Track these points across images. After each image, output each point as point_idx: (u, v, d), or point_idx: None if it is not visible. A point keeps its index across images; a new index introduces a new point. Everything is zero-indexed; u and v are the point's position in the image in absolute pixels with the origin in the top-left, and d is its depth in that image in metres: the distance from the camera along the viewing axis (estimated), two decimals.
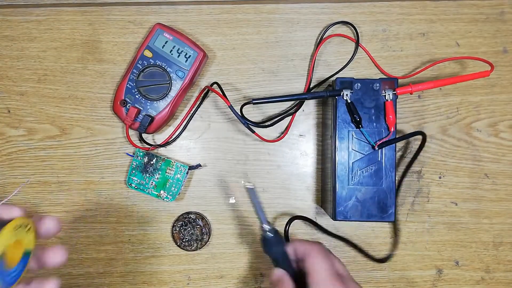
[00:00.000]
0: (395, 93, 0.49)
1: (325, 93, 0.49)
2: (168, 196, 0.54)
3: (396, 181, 0.49)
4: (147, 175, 0.54)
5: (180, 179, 0.54)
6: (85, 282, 0.56)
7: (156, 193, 0.54)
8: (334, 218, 0.49)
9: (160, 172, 0.54)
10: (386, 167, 0.48)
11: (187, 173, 0.54)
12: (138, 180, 0.55)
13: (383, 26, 0.56)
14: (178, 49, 0.52)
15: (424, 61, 0.56)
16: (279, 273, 0.42)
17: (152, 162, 0.54)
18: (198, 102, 0.56)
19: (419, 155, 0.55)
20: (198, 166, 0.55)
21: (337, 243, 0.56)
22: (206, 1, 0.55)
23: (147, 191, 0.55)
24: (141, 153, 0.55)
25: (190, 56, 0.52)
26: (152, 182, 0.55)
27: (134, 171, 0.55)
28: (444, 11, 0.56)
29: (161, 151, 0.56)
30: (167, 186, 0.54)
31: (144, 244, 0.56)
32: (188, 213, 0.56)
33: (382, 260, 0.54)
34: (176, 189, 0.54)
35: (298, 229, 0.56)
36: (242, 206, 0.56)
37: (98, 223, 0.56)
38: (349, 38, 0.56)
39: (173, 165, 0.54)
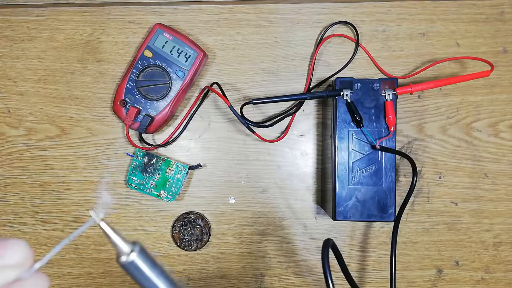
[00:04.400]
0: (395, 93, 0.49)
1: (325, 93, 0.49)
2: (168, 196, 0.54)
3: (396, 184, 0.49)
4: (147, 175, 0.54)
5: (180, 179, 0.54)
6: (85, 282, 0.56)
7: (156, 193, 0.54)
8: (334, 218, 0.49)
9: (160, 172, 0.54)
10: (386, 167, 0.48)
11: (187, 173, 0.54)
12: (138, 180, 0.55)
13: (383, 26, 0.56)
14: (178, 49, 0.52)
15: (424, 61, 0.56)
16: None
17: (152, 162, 0.54)
18: (198, 102, 0.56)
19: (419, 155, 0.55)
20: (198, 166, 0.55)
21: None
22: (206, 1, 0.55)
23: (147, 191, 0.55)
24: (141, 153, 0.55)
25: (190, 56, 0.52)
26: (152, 182, 0.55)
27: (134, 171, 0.55)
28: (444, 11, 0.56)
29: (161, 151, 0.56)
30: (167, 186, 0.54)
31: (144, 244, 0.56)
32: (188, 213, 0.56)
33: None
34: (176, 189, 0.54)
35: (297, 229, 0.56)
36: (242, 206, 0.56)
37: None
38: (349, 38, 0.56)
39: (173, 165, 0.54)
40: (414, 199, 0.56)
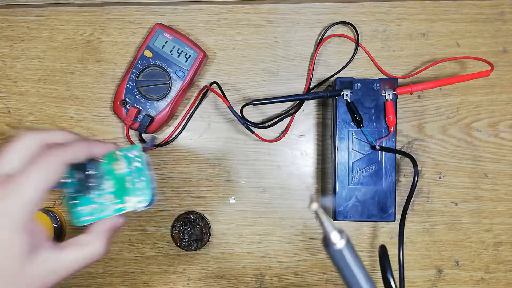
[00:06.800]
0: (395, 93, 0.49)
1: (325, 93, 0.49)
2: (140, 199, 0.35)
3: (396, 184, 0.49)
4: (95, 191, 0.34)
5: (140, 166, 0.35)
6: (85, 282, 0.56)
7: (121, 205, 0.34)
8: (334, 218, 0.49)
9: (108, 176, 0.35)
10: (386, 167, 0.48)
11: (143, 151, 0.36)
12: (90, 207, 0.34)
13: (383, 26, 0.56)
14: (178, 49, 0.52)
15: (424, 61, 0.56)
16: None
17: (89, 173, 0.34)
18: (197, 102, 0.56)
19: (419, 155, 0.55)
20: (154, 138, 0.47)
21: None
22: (206, 1, 0.55)
23: (107, 212, 0.34)
24: (70, 172, 0.33)
25: (190, 56, 0.52)
26: (108, 196, 0.35)
27: (76, 199, 0.34)
28: (444, 11, 0.56)
29: (158, 150, 0.56)
30: (130, 187, 0.35)
31: (144, 244, 0.56)
32: (188, 213, 0.55)
33: None
34: (144, 184, 0.35)
35: (297, 229, 0.56)
36: (242, 206, 0.56)
37: None
38: (349, 38, 0.56)
39: (119, 156, 0.35)
40: (414, 199, 0.56)
